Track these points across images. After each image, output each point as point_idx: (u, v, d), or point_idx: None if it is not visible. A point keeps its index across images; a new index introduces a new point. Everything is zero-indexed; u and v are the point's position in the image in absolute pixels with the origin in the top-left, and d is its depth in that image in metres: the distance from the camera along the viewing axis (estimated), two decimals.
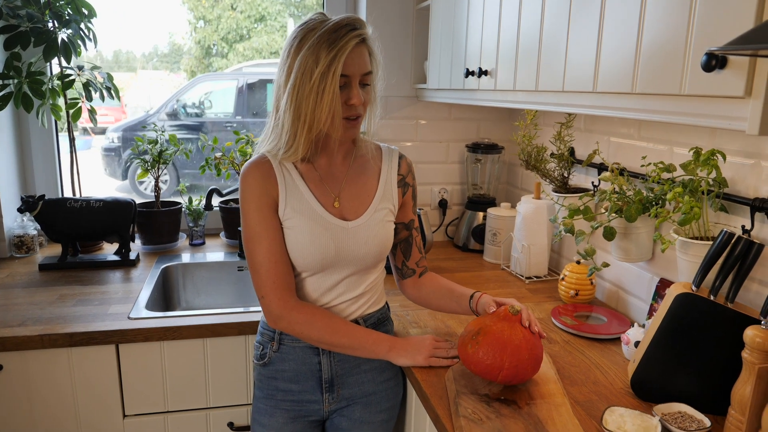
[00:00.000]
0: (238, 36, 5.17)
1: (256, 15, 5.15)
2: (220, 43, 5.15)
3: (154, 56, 5.02)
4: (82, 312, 1.55)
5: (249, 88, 5.27)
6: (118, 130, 5.29)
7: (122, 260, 1.92)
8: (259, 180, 1.25)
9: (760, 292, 1.20)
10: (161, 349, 1.51)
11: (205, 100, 5.34)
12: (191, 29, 4.93)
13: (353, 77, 1.17)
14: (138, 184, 5.04)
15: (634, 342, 1.33)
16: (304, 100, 1.16)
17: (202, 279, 2.01)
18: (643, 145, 1.52)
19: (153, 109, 5.20)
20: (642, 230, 1.44)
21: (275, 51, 5.20)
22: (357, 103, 1.17)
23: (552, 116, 1.83)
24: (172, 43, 4.93)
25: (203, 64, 5.21)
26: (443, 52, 1.86)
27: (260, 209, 1.24)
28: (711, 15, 0.81)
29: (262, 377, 1.36)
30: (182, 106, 5.24)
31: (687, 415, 1.10)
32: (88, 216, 1.85)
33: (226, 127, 5.19)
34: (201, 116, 5.24)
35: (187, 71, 5.22)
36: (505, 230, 2.02)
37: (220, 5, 4.97)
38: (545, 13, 1.26)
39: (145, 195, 4.99)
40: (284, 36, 4.95)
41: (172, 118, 5.13)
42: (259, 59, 5.40)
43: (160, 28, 4.73)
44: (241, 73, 5.31)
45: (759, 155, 1.19)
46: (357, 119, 1.21)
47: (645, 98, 0.96)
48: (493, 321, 1.19)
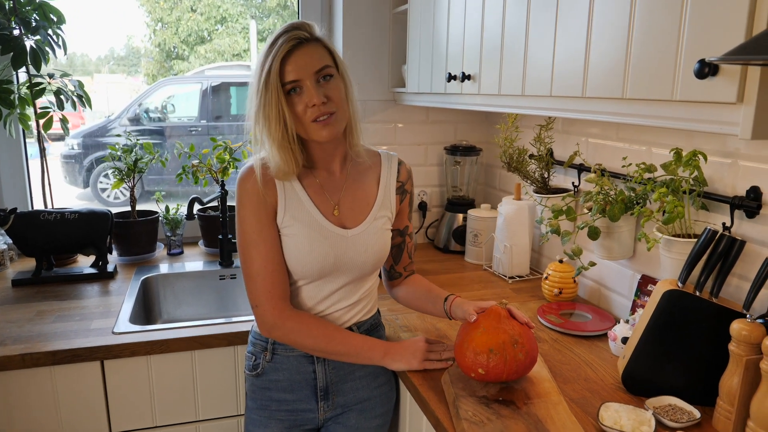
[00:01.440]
0: (198, 38, 5.08)
1: (217, 17, 5.07)
2: (180, 46, 5.06)
3: (111, 59, 4.89)
4: (62, 329, 1.50)
5: (213, 91, 5.19)
6: (78, 137, 5.13)
7: (99, 273, 1.86)
8: (257, 185, 1.22)
9: (740, 286, 1.25)
10: (148, 363, 1.47)
11: (168, 104, 5.23)
12: (150, 32, 4.82)
13: (304, 79, 1.14)
14: (100, 192, 4.91)
15: (621, 338, 1.36)
16: (259, 116, 1.16)
17: (183, 289, 1.97)
18: (620, 146, 1.56)
19: (114, 114, 5.06)
20: (624, 229, 1.48)
21: (238, 53, 5.14)
22: (317, 102, 1.14)
23: (532, 119, 1.86)
24: (129, 46, 4.82)
25: (164, 67, 5.11)
26: (423, 57, 1.87)
27: (257, 216, 1.22)
28: (702, 23, 0.84)
29: (255, 388, 1.35)
30: (144, 110, 5.12)
31: (677, 408, 1.14)
32: (64, 228, 1.79)
33: (191, 131, 5.09)
34: (164, 121, 5.12)
35: (148, 75, 5.11)
36: (486, 231, 2.04)
37: (179, 7, 4.87)
38: (530, 18, 1.28)
39: (108, 203, 4.85)
40: (246, 38, 4.90)
41: (134, 123, 5.00)
42: (221, 62, 5.32)
43: (116, 31, 4.61)
44: (204, 77, 5.22)
45: (736, 155, 1.24)
46: (329, 117, 1.17)
47: (635, 103, 0.99)
48: (479, 319, 1.21)
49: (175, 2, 4.90)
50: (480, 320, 1.19)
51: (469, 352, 1.16)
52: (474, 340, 1.16)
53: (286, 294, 1.25)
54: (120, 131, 5.15)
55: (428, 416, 1.19)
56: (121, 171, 2.01)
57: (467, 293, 1.79)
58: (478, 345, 1.15)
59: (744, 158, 1.22)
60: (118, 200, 4.99)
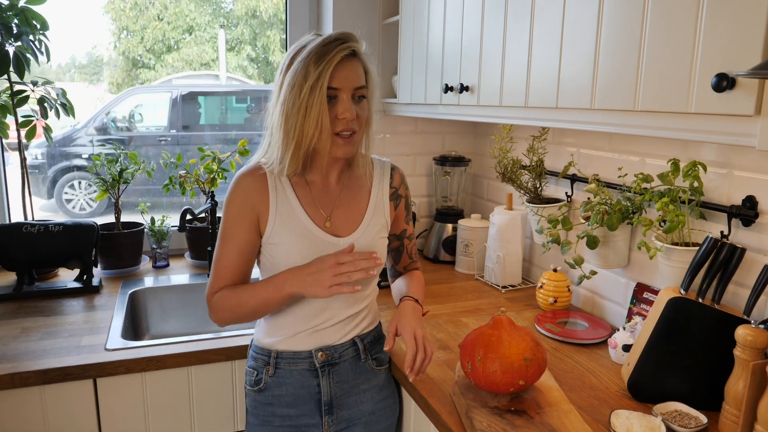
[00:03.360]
0: (165, 47, 5.01)
1: (184, 26, 5.01)
2: (146, 55, 4.97)
3: (72, 67, 4.77)
4: (51, 346, 1.44)
5: (183, 101, 5.11)
6: (42, 146, 4.97)
7: (84, 287, 1.80)
8: (249, 191, 1.24)
9: (737, 292, 1.28)
10: (143, 380, 1.42)
11: (135, 114, 5.12)
12: (115, 40, 4.73)
13: (343, 90, 1.16)
14: (65, 203, 4.76)
15: (621, 345, 1.39)
16: (293, 114, 1.15)
17: (172, 303, 1.91)
18: (613, 156, 1.60)
19: (80, 124, 4.93)
20: (619, 238, 1.51)
21: (206, 62, 5.08)
22: (348, 117, 1.16)
23: (525, 129, 1.89)
24: (91, 54, 4.71)
25: (130, 76, 5.01)
26: (416, 68, 1.88)
27: (240, 216, 1.24)
28: (717, 37, 0.87)
29: (257, 404, 1.31)
30: (112, 120, 5.00)
31: (683, 413, 1.16)
32: (48, 241, 1.72)
33: (160, 141, 5.00)
34: (131, 130, 5.01)
35: (113, 83, 5.00)
36: (477, 241, 2.06)
37: (145, 15, 4.80)
38: (533, 30, 1.31)
39: (73, 214, 4.71)
40: (215, 47, 4.86)
41: (101, 133, 4.88)
42: (189, 71, 5.25)
43: (78, 38, 4.48)
44: (173, 86, 5.14)
45: (731, 165, 1.28)
46: (351, 136, 1.19)
47: (647, 116, 1.02)
48: (491, 332, 1.20)
49: (141, 10, 4.82)
50: (497, 334, 1.18)
51: (505, 368, 1.14)
52: (505, 355, 1.14)
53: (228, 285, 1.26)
54: (86, 141, 5.03)
55: (440, 429, 1.18)
56: (105, 182, 1.95)
57: (462, 303, 1.80)
58: (512, 358, 1.14)
59: (739, 168, 1.27)
60: (84, 211, 4.86)
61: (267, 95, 1.23)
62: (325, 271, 1.14)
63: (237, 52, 4.87)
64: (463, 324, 1.63)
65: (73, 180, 4.93)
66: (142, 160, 2.01)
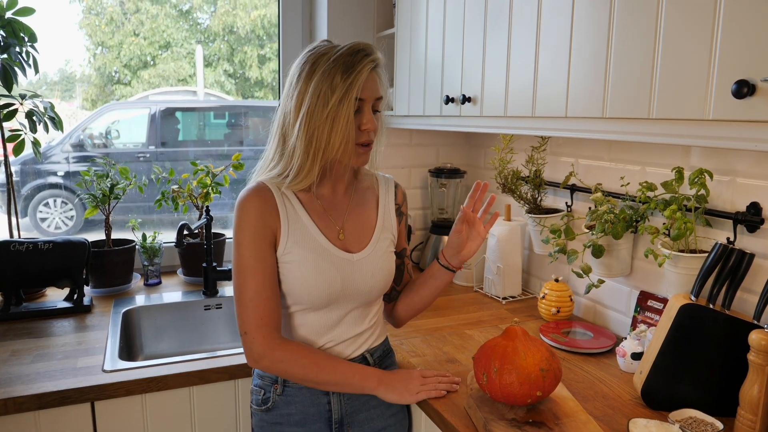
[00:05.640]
0: (141, 63, 4.95)
1: (161, 41, 4.97)
2: (122, 71, 4.91)
3: (43, 84, 4.68)
4: (45, 369, 1.38)
5: (162, 117, 5.04)
6: (15, 163, 4.84)
7: (75, 307, 1.73)
8: (258, 210, 1.19)
9: (742, 297, 1.30)
10: (143, 402, 1.37)
11: (112, 130, 5.04)
12: (90, 55, 4.65)
13: (367, 102, 1.16)
14: (40, 222, 4.63)
15: (630, 354, 1.39)
16: (319, 126, 1.13)
17: (166, 322, 1.86)
18: (612, 166, 1.61)
19: (55, 141, 4.82)
20: (623, 247, 1.52)
21: (183, 78, 5.03)
22: (371, 128, 1.17)
23: (524, 141, 1.90)
24: (63, 71, 4.63)
25: (104, 92, 4.94)
26: (414, 80, 1.88)
27: (256, 241, 1.18)
28: (734, 44, 0.88)
29: (264, 423, 1.28)
30: (88, 136, 4.91)
31: (699, 420, 1.16)
32: (37, 259, 1.66)
33: (139, 158, 4.92)
34: (108, 147, 4.92)
35: (87, 100, 4.92)
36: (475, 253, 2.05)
37: (121, 31, 4.74)
38: (540, 40, 1.31)
39: (48, 233, 4.58)
40: (192, 63, 4.82)
41: (77, 149, 4.79)
42: (166, 86, 5.20)
43: (52, 54, 4.40)
44: (150, 102, 5.08)
45: (733, 172, 1.30)
46: (368, 146, 1.20)
47: (663, 123, 1.02)
48: (506, 343, 1.19)
49: (117, 26, 4.76)
50: (513, 345, 1.17)
51: (522, 379, 1.12)
52: (521, 366, 1.13)
53: (278, 324, 1.20)
54: (61, 158, 4.91)
55: None
56: (95, 197, 1.89)
57: (464, 315, 1.79)
58: (529, 369, 1.12)
59: (742, 175, 1.29)
60: (60, 230, 4.73)
61: (246, 111, 1.21)
62: (414, 380, 1.27)
63: (214, 68, 4.84)
64: (468, 336, 1.61)
65: (48, 198, 4.81)
66: (134, 175, 1.96)
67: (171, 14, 4.60)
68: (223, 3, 4.45)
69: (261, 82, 4.23)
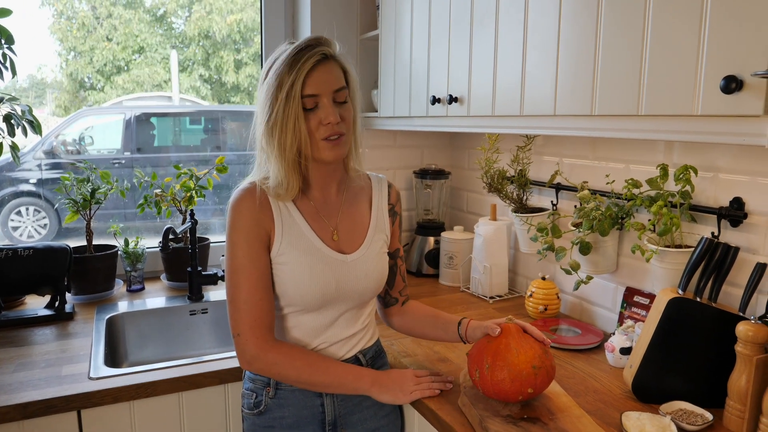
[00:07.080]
0: (115, 68, 4.88)
1: (135, 46, 4.90)
2: (95, 76, 4.83)
3: (12, 90, 4.57)
4: (29, 377, 1.34)
5: (137, 122, 4.97)
6: None
7: (57, 314, 1.69)
8: (252, 210, 1.18)
9: (727, 291, 1.32)
10: (131, 409, 1.34)
11: (86, 136, 4.95)
12: (62, 61, 4.57)
13: (322, 95, 1.13)
14: (12, 231, 4.52)
15: (619, 349, 1.41)
16: (275, 128, 1.13)
17: (151, 328, 1.83)
18: (596, 164, 1.64)
19: (27, 147, 4.71)
20: (609, 243, 1.54)
21: (158, 83, 4.97)
22: (333, 121, 1.13)
23: (509, 141, 1.91)
24: (33, 77, 4.53)
25: (77, 98, 4.85)
26: (399, 81, 1.89)
27: (249, 242, 1.17)
28: (722, 40, 0.90)
29: (257, 427, 1.26)
30: (61, 143, 4.81)
31: (688, 412, 1.18)
32: (17, 266, 1.62)
33: (114, 164, 4.84)
34: (81, 153, 4.83)
35: (59, 106, 4.82)
36: (461, 253, 2.06)
37: (93, 36, 4.66)
38: (527, 38, 1.33)
39: (20, 242, 4.47)
40: (167, 68, 4.77)
41: (50, 156, 4.69)
42: (140, 92, 5.13)
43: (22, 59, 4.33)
44: (125, 107, 5.00)
45: (716, 168, 1.33)
46: (339, 138, 1.17)
47: (651, 119, 1.04)
48: (499, 339, 1.19)
49: (89, 31, 4.68)
50: (506, 342, 1.17)
51: (513, 376, 1.13)
52: (513, 363, 1.13)
53: (271, 325, 1.19)
54: (33, 165, 4.80)
55: None
56: (76, 203, 1.85)
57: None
58: (520, 366, 1.13)
59: (724, 171, 1.32)
60: (32, 239, 4.62)
61: (223, 116, 1.21)
62: (408, 380, 1.25)
63: (189, 73, 4.79)
64: None
65: (20, 206, 4.70)
66: (115, 179, 1.93)
67: (145, 19, 4.54)
68: (198, 7, 4.40)
69: (237, 87, 4.19)
